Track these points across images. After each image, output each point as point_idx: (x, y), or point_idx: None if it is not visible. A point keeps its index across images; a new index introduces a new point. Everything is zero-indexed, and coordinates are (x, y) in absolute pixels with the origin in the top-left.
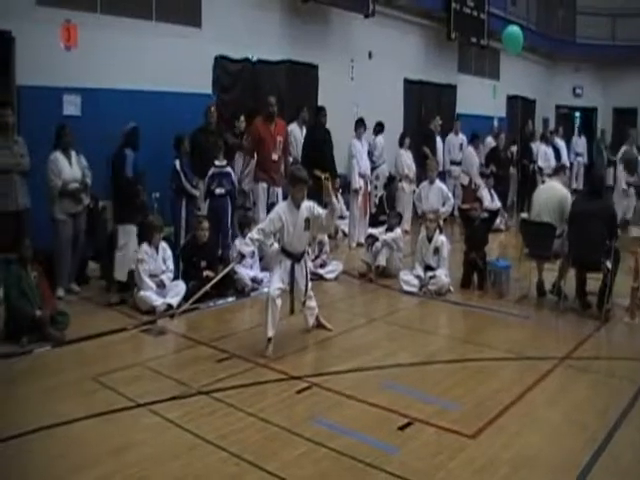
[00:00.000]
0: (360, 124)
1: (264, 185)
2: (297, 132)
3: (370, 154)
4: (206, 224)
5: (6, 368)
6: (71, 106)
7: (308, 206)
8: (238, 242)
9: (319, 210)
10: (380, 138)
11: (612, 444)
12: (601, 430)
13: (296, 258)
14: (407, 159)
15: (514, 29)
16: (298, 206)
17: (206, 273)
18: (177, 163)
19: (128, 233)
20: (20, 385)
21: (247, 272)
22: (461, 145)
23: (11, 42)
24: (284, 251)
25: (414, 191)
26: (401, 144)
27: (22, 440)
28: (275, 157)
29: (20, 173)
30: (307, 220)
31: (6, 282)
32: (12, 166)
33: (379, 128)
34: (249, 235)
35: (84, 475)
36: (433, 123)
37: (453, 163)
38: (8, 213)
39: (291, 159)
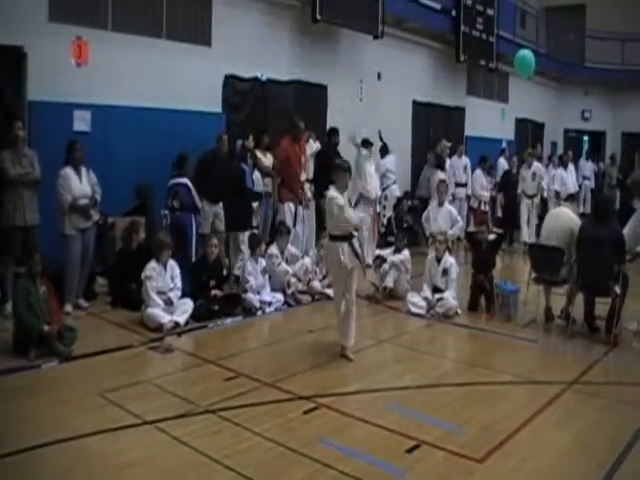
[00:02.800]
0: (367, 145)
1: (291, 205)
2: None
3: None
4: (215, 241)
5: (14, 382)
6: (81, 122)
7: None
8: (248, 263)
9: None
10: (389, 159)
11: (621, 470)
12: (610, 455)
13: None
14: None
15: (526, 52)
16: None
17: (214, 292)
18: (187, 181)
19: (237, 240)
20: (27, 399)
21: (255, 296)
22: (465, 167)
23: (23, 58)
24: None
25: None
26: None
27: (28, 455)
28: (303, 177)
29: (30, 183)
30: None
31: (15, 296)
32: (22, 176)
33: (383, 150)
34: None
35: None
36: (439, 146)
37: (458, 185)
38: (17, 227)
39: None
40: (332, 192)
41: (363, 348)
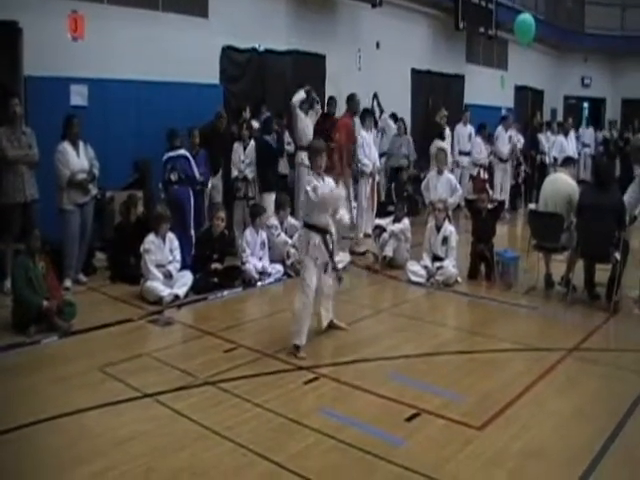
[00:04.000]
0: (365, 115)
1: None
2: (302, 117)
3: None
4: (222, 214)
5: (13, 358)
6: (78, 96)
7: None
8: (248, 232)
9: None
10: (391, 122)
11: (622, 436)
12: (610, 422)
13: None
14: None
15: (526, 17)
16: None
17: (214, 266)
18: (187, 153)
19: (267, 201)
20: (27, 375)
21: (255, 263)
22: (470, 135)
23: (18, 33)
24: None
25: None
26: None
27: (28, 430)
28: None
29: (28, 164)
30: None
31: (14, 273)
32: (20, 157)
33: (392, 118)
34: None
35: (90, 466)
36: (438, 115)
37: (462, 153)
38: (16, 204)
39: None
40: (310, 177)
41: (362, 318)
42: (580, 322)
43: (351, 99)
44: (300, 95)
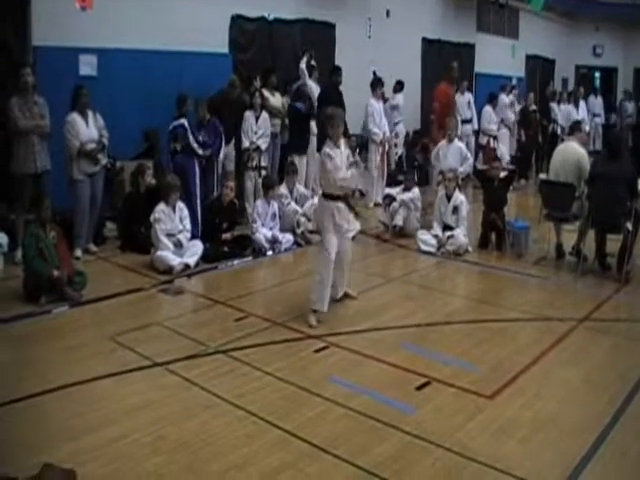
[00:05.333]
0: (377, 83)
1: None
2: (314, 87)
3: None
4: (231, 183)
5: (25, 328)
6: (87, 66)
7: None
8: (260, 203)
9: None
10: (400, 96)
11: (632, 405)
12: (620, 392)
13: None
14: None
15: None
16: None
17: (225, 236)
18: (185, 122)
19: (301, 163)
20: (38, 345)
21: (266, 232)
22: (469, 103)
23: (27, 3)
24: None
25: None
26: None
27: (39, 399)
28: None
29: (40, 135)
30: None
31: (24, 243)
32: (32, 128)
33: (399, 87)
34: None
35: (101, 434)
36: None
37: (463, 122)
38: (28, 175)
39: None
40: (326, 148)
41: (373, 287)
42: (591, 292)
43: (450, 67)
44: (304, 61)
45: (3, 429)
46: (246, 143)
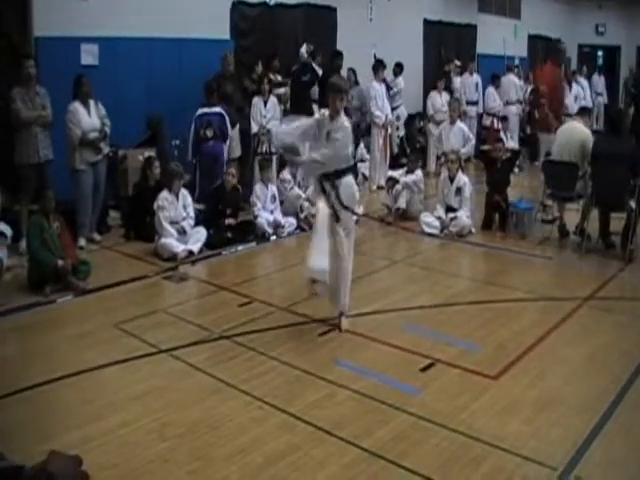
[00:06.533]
0: (378, 66)
1: None
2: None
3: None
4: (233, 170)
5: (30, 318)
6: (89, 56)
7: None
8: (258, 187)
9: None
10: (400, 79)
11: (637, 383)
12: (625, 370)
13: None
14: (437, 101)
15: None
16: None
17: (228, 222)
18: (223, 111)
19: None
20: (43, 334)
21: (267, 216)
22: (477, 85)
23: None
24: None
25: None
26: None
27: (45, 388)
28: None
29: (42, 125)
30: None
31: (28, 233)
32: (34, 118)
33: (398, 69)
34: None
35: (107, 421)
36: (449, 66)
37: (469, 103)
38: (31, 165)
39: None
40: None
41: (377, 269)
42: (595, 271)
43: (557, 49)
44: (304, 48)
45: (10, 418)
46: (255, 128)
